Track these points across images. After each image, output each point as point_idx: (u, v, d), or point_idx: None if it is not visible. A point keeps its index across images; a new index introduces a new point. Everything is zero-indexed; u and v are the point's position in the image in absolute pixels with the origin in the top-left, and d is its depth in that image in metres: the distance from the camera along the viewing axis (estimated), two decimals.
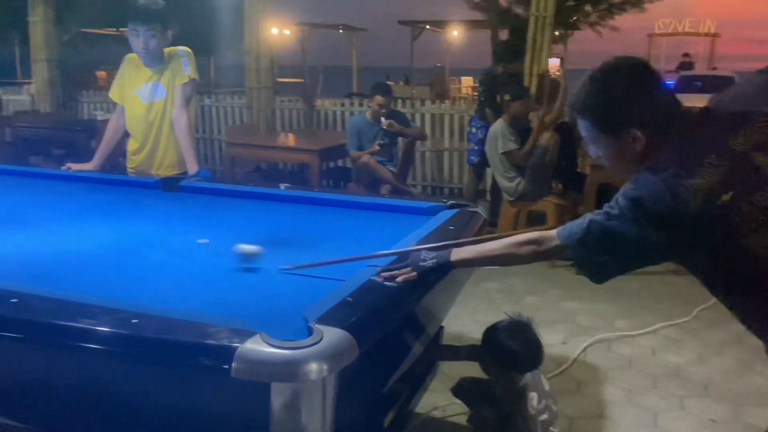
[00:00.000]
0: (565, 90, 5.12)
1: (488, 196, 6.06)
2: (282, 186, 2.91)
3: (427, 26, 21.29)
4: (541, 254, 1.65)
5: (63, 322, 1.39)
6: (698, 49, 21.67)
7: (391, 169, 5.25)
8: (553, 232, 1.62)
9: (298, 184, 3.66)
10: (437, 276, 1.75)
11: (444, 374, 2.59)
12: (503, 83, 5.52)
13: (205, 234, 2.28)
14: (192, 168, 3.15)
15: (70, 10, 11.78)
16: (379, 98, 5.26)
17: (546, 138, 4.63)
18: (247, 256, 1.90)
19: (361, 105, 7.66)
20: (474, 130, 5.81)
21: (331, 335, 1.31)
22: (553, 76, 6.02)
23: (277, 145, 5.42)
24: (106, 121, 6.76)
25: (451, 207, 2.54)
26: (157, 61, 3.16)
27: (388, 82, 19.41)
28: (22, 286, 1.56)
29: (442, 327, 2.50)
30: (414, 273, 1.65)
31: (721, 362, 3.32)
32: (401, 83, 19.70)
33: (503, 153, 4.72)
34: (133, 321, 1.37)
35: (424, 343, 2.14)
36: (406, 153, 5.59)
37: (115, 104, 3.41)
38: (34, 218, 2.49)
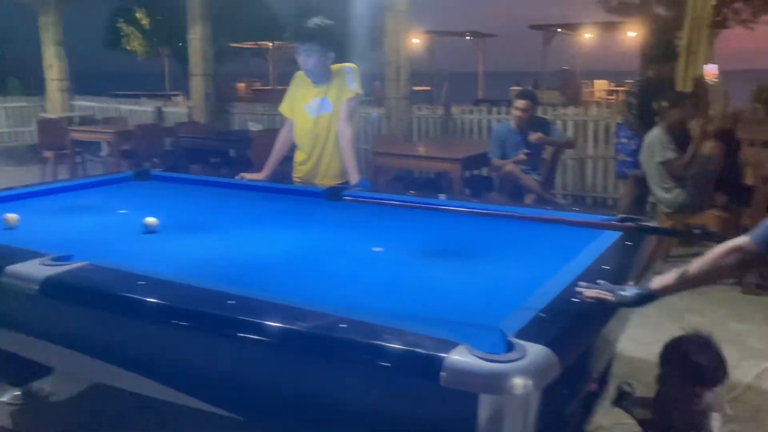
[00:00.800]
0: (726, 96, 4.81)
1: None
2: (441, 196, 2.96)
3: (559, 30, 20.76)
4: (744, 263, 1.59)
5: (278, 324, 1.50)
6: None
7: (536, 177, 5.17)
8: (746, 238, 1.57)
9: (448, 193, 3.70)
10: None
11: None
12: (657, 89, 5.25)
13: (376, 242, 2.38)
14: (354, 178, 3.28)
15: (218, 27, 12.69)
16: (521, 103, 5.21)
17: (708, 147, 4.36)
18: (148, 226, 2.49)
19: (499, 113, 7.59)
20: (625, 140, 5.56)
21: (536, 351, 1.32)
22: (711, 82, 5.64)
23: (420, 154, 5.52)
24: (259, 132, 7.25)
25: (623, 221, 2.47)
26: (324, 78, 3.33)
27: (515, 87, 19.23)
28: (224, 287, 1.71)
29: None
30: (611, 297, 1.64)
31: None
32: (529, 88, 19.28)
33: (661, 162, 4.50)
34: (341, 326, 1.46)
35: (603, 366, 2.10)
36: (552, 161, 5.48)
37: (266, 116, 3.62)
38: (221, 224, 2.71)
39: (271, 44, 20.82)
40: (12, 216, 2.57)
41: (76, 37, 11.20)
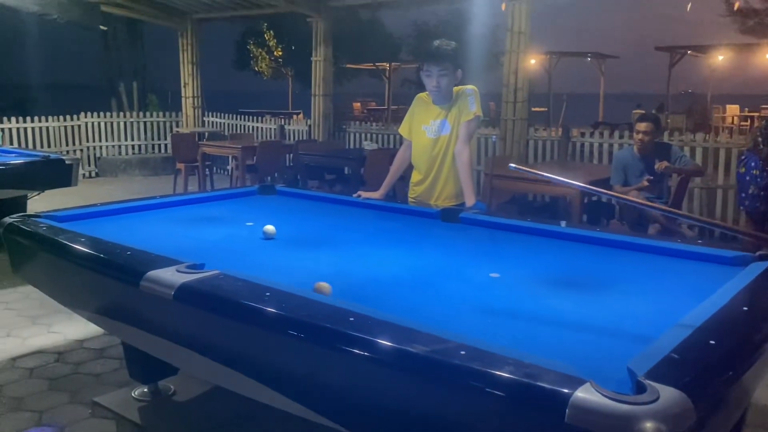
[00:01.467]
0: None
1: None
2: (562, 223, 2.88)
3: (689, 51, 19.70)
4: None
5: (395, 345, 1.51)
6: None
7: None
8: None
9: (562, 219, 3.59)
10: None
11: None
12: None
13: (493, 268, 2.34)
14: (470, 200, 3.27)
15: (339, 49, 13.14)
16: (643, 125, 4.99)
17: None
18: (267, 233, 2.69)
19: (621, 137, 7.30)
20: (756, 171, 5.13)
21: (669, 395, 1.25)
22: None
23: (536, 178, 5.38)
24: (373, 151, 7.40)
25: (761, 258, 2.29)
26: (446, 99, 3.35)
27: (637, 110, 18.40)
28: (346, 304, 1.74)
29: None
30: None
31: None
32: (653, 111, 18.39)
33: None
34: (462, 352, 1.44)
35: (738, 415, 1.94)
36: (679, 190, 5.18)
37: (381, 134, 3.68)
38: (340, 241, 2.79)
39: (388, 65, 21.27)
40: (270, 228, 2.75)
41: (209, 58, 11.98)
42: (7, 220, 2.84)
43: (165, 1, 10.61)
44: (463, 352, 1.44)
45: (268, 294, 1.86)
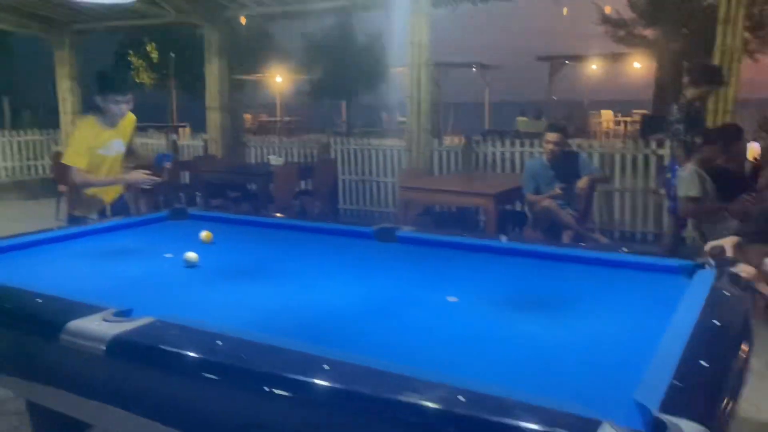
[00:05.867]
0: None
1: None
2: (503, 238, 2.83)
3: (566, 61, 20.88)
4: None
5: (388, 396, 1.35)
6: None
7: (572, 213, 5.04)
8: None
9: (474, 230, 3.56)
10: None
11: None
12: (698, 116, 5.04)
13: (448, 290, 2.24)
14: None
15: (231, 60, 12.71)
16: (553, 136, 5.13)
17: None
18: (189, 261, 2.53)
19: (522, 145, 7.51)
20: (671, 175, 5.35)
21: (691, 430, 1.18)
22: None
23: (451, 188, 5.39)
24: (282, 167, 7.15)
25: (697, 267, 2.33)
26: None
27: (521, 117, 19.21)
28: (307, 346, 1.56)
29: None
30: None
31: None
32: (529, 118, 19.34)
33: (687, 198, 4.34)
34: (459, 398, 1.31)
35: None
36: (588, 195, 5.35)
37: (284, 148, 3.50)
38: (275, 270, 2.57)
39: (279, 76, 20.94)
40: (192, 255, 2.56)
41: (86, 72, 11.18)
42: None
43: (39, 11, 9.78)
44: (461, 398, 1.30)
45: (219, 342, 1.64)
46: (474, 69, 22.71)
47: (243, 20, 9.03)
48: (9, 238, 2.95)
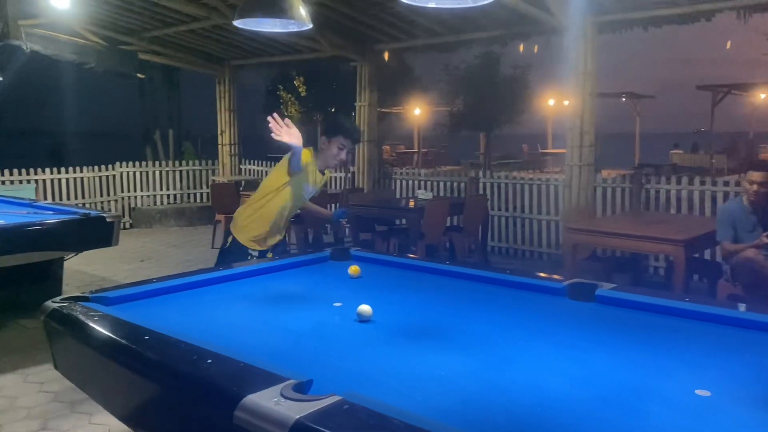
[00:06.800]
0: None
1: None
2: (741, 307, 2.27)
3: (733, 91, 19.08)
4: None
5: None
6: None
7: None
8: None
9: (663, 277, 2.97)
10: None
11: None
12: None
13: (693, 380, 1.74)
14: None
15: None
16: (757, 175, 4.41)
17: None
18: (362, 315, 2.23)
19: (703, 183, 6.69)
20: None
21: None
22: None
23: (630, 232, 4.76)
24: (431, 201, 6.87)
25: None
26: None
27: (675, 151, 17.76)
28: None
29: None
30: None
31: None
32: (685, 151, 17.91)
33: None
34: None
35: None
36: None
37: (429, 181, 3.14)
38: (461, 330, 2.20)
39: (418, 108, 20.99)
40: (366, 309, 2.27)
41: (240, 104, 11.68)
42: (50, 305, 2.33)
43: (203, 49, 10.37)
44: None
45: None
46: (623, 99, 21.53)
47: (387, 56, 8.97)
48: (175, 277, 2.84)
